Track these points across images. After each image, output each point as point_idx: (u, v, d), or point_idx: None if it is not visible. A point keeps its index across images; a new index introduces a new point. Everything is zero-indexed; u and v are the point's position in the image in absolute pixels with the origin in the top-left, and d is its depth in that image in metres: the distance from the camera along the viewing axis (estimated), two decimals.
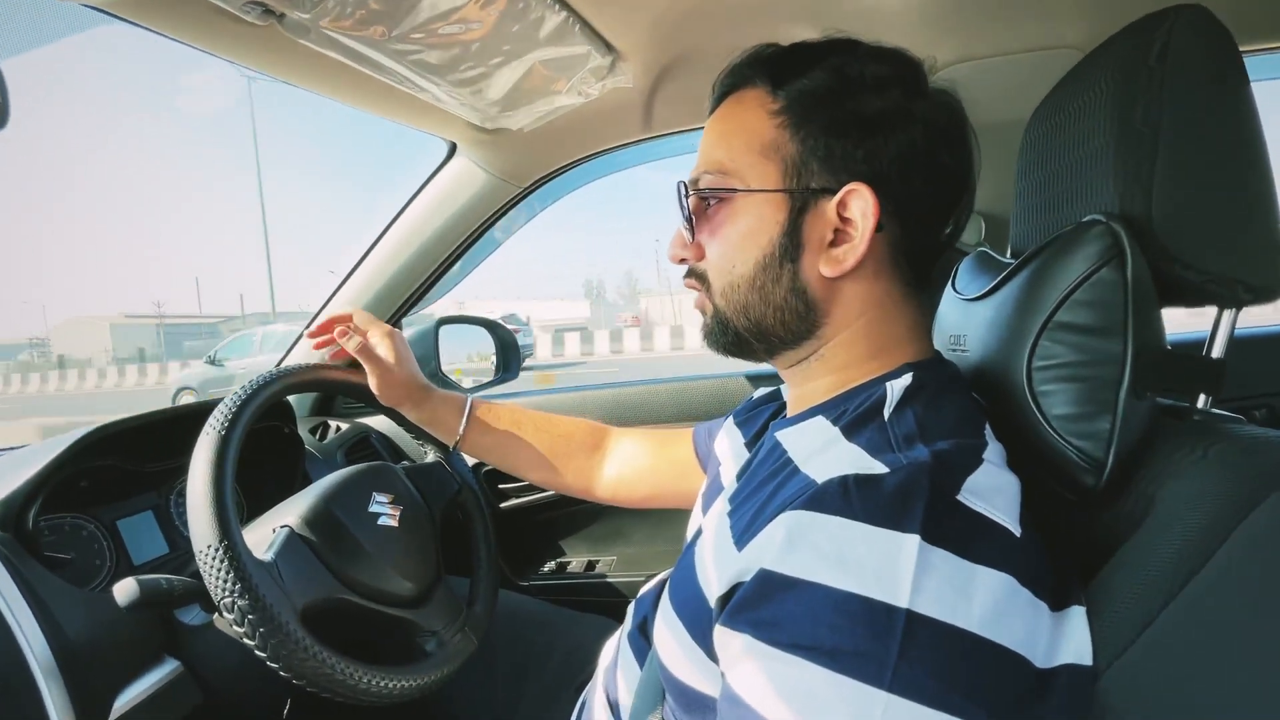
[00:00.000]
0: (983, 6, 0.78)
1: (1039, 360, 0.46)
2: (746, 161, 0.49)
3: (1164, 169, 0.43)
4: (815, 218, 0.48)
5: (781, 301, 0.49)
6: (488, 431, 0.84)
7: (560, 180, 1.14)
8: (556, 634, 0.96)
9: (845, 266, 0.47)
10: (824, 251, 0.48)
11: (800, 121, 0.48)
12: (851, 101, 0.47)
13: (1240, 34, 0.44)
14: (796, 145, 0.48)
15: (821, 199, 0.47)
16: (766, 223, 0.49)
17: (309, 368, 0.80)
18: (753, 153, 0.49)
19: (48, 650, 0.61)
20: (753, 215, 0.49)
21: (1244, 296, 0.45)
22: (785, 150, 0.48)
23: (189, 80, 29.67)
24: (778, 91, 0.49)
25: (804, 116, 0.48)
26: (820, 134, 0.47)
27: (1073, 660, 0.37)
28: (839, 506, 0.37)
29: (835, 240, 0.48)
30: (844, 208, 0.47)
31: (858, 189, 0.46)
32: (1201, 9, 0.44)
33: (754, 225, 0.49)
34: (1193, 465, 0.40)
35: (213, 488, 0.60)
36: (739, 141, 0.50)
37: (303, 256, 41.90)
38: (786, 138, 0.48)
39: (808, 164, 0.47)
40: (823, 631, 0.34)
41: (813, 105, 0.48)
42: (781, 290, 0.49)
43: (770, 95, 0.49)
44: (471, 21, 0.64)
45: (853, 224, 0.47)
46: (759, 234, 0.49)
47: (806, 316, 0.49)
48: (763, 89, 0.49)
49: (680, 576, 0.50)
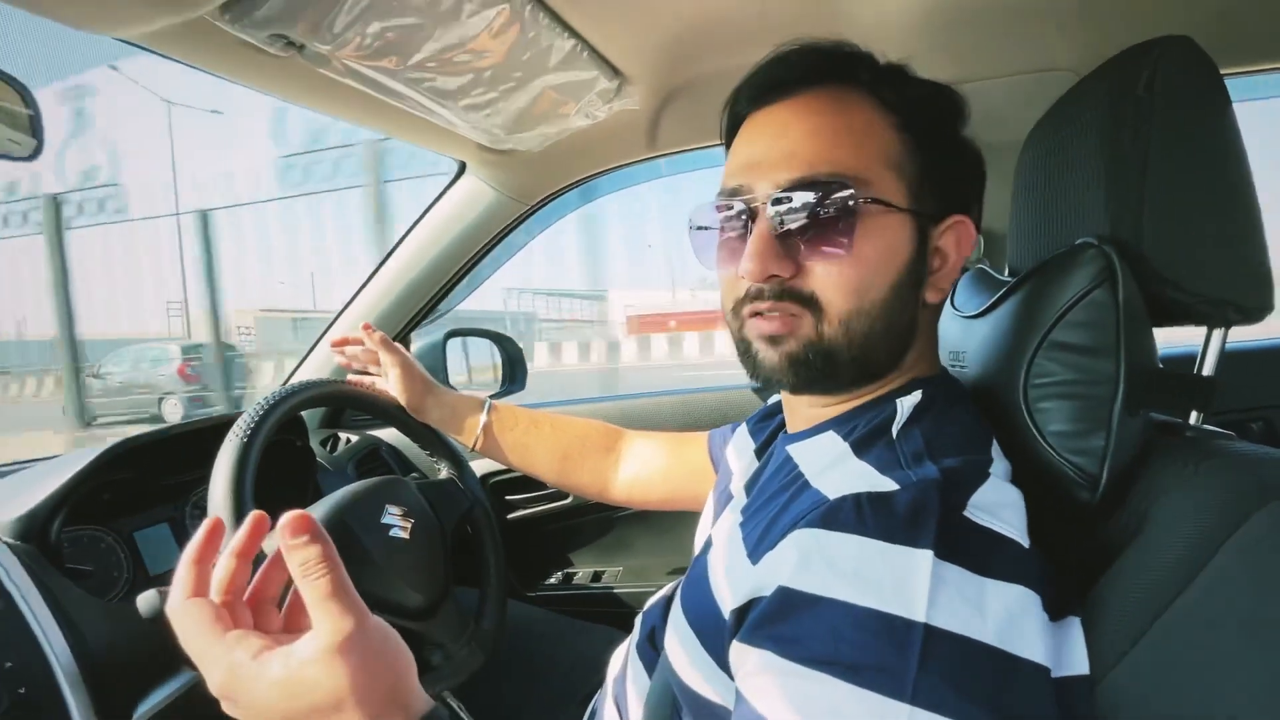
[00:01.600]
0: (979, 30, 0.80)
1: (1035, 378, 0.48)
2: (878, 170, 0.45)
3: (1153, 194, 0.45)
4: (929, 243, 0.47)
5: (903, 329, 0.47)
6: (506, 432, 0.86)
7: (567, 197, 1.16)
8: (563, 644, 0.97)
9: (944, 295, 0.47)
10: (928, 278, 0.48)
11: (920, 140, 0.46)
12: (956, 127, 0.46)
13: (1227, 57, 0.46)
14: (917, 165, 0.46)
15: (933, 224, 0.47)
16: (901, 243, 0.46)
17: (330, 381, 0.83)
18: (882, 162, 0.45)
19: (72, 660, 0.63)
20: (891, 233, 0.45)
21: (1233, 317, 0.46)
22: (908, 168, 0.46)
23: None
24: (888, 101, 0.46)
25: (925, 135, 0.46)
26: (938, 159, 0.46)
27: (1074, 671, 0.38)
28: (853, 524, 0.38)
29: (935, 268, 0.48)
30: (941, 235, 0.47)
31: (965, 221, 0.46)
32: (1187, 40, 0.46)
33: (892, 244, 0.45)
34: (1184, 481, 0.41)
35: (233, 492, 0.62)
36: (867, 147, 0.45)
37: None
38: (909, 153, 0.46)
39: (924, 186, 0.46)
40: (844, 647, 0.35)
41: (930, 126, 0.46)
42: (906, 319, 0.47)
43: (880, 103, 0.46)
44: (484, 51, 0.66)
45: (944, 253, 0.47)
46: (895, 254, 0.45)
47: (907, 344, 0.49)
48: (866, 93, 0.46)
49: (691, 587, 0.51)
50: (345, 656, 0.34)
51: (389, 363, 0.84)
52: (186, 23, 0.54)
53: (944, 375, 0.52)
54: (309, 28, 0.58)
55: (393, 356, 0.84)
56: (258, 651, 0.35)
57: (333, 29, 0.59)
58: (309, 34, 0.59)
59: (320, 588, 0.35)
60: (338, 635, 0.34)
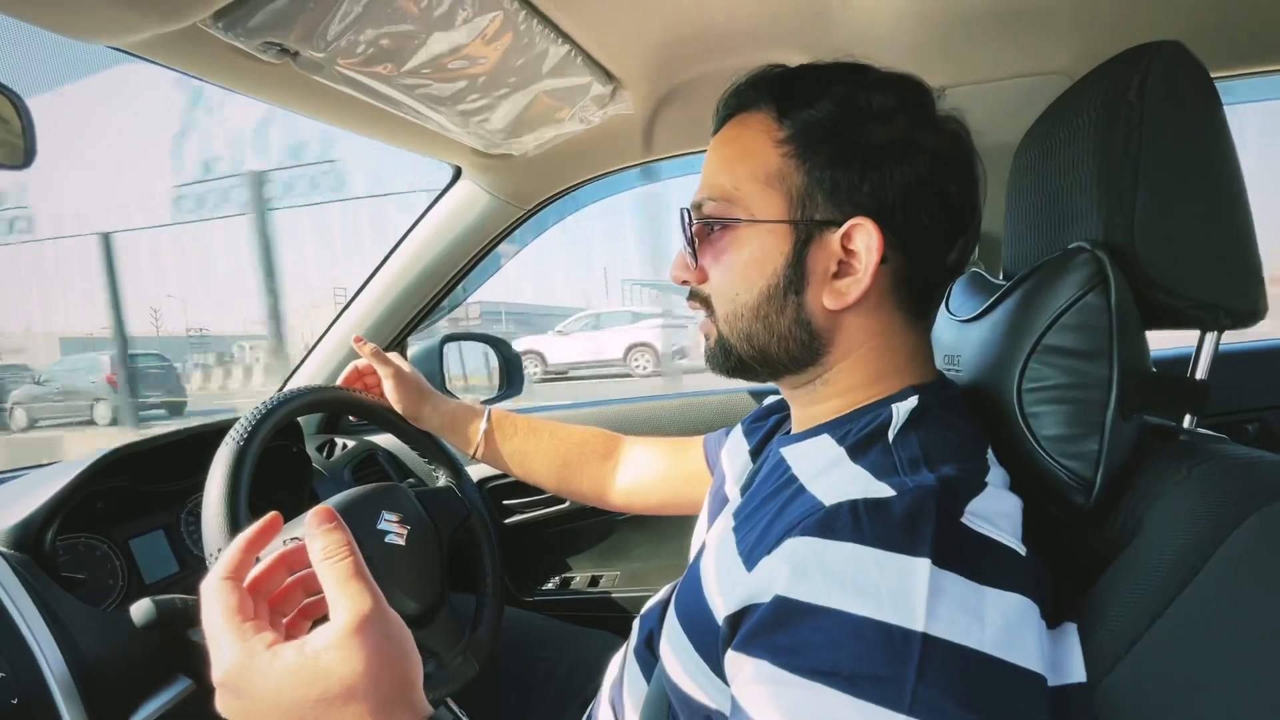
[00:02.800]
0: (972, 33, 0.80)
1: (1029, 382, 0.48)
2: (751, 190, 0.48)
3: (1145, 199, 0.45)
4: (819, 250, 0.47)
5: (785, 331, 0.49)
6: (505, 440, 0.86)
7: (563, 202, 1.16)
8: (561, 650, 0.96)
9: (849, 299, 0.47)
10: (828, 283, 0.48)
11: (806, 152, 0.47)
12: (858, 133, 0.46)
13: (1219, 61, 0.46)
14: (802, 176, 0.47)
15: (826, 231, 0.47)
16: (771, 253, 0.48)
17: (327, 388, 0.83)
18: (758, 181, 0.48)
19: (65, 669, 0.63)
20: (757, 245, 0.49)
21: (1225, 321, 0.46)
22: (790, 180, 0.47)
23: None
24: (784, 119, 0.48)
25: (810, 147, 0.47)
26: (826, 166, 0.47)
27: (1073, 678, 0.38)
28: (850, 532, 0.38)
29: (839, 272, 0.47)
30: (848, 240, 0.47)
31: (862, 224, 0.46)
32: (1178, 45, 0.46)
33: (758, 255, 0.49)
34: (1178, 485, 0.41)
35: (228, 495, 0.62)
36: (744, 168, 0.49)
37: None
38: (792, 168, 0.47)
39: (813, 195, 0.47)
40: (842, 657, 0.34)
41: (819, 136, 0.47)
42: (786, 321, 0.49)
43: (776, 123, 0.48)
44: (478, 57, 0.66)
45: (856, 256, 0.46)
46: (764, 264, 0.48)
47: (810, 345, 0.50)
48: (767, 114, 0.49)
49: (686, 592, 0.51)
50: (363, 637, 0.35)
51: (383, 373, 0.84)
52: (179, 31, 0.54)
53: (940, 381, 0.52)
54: (302, 35, 0.58)
55: (386, 367, 0.84)
56: (271, 642, 0.36)
57: (326, 36, 0.59)
58: (302, 41, 0.59)
59: (342, 569, 0.37)
60: (357, 615, 0.35)
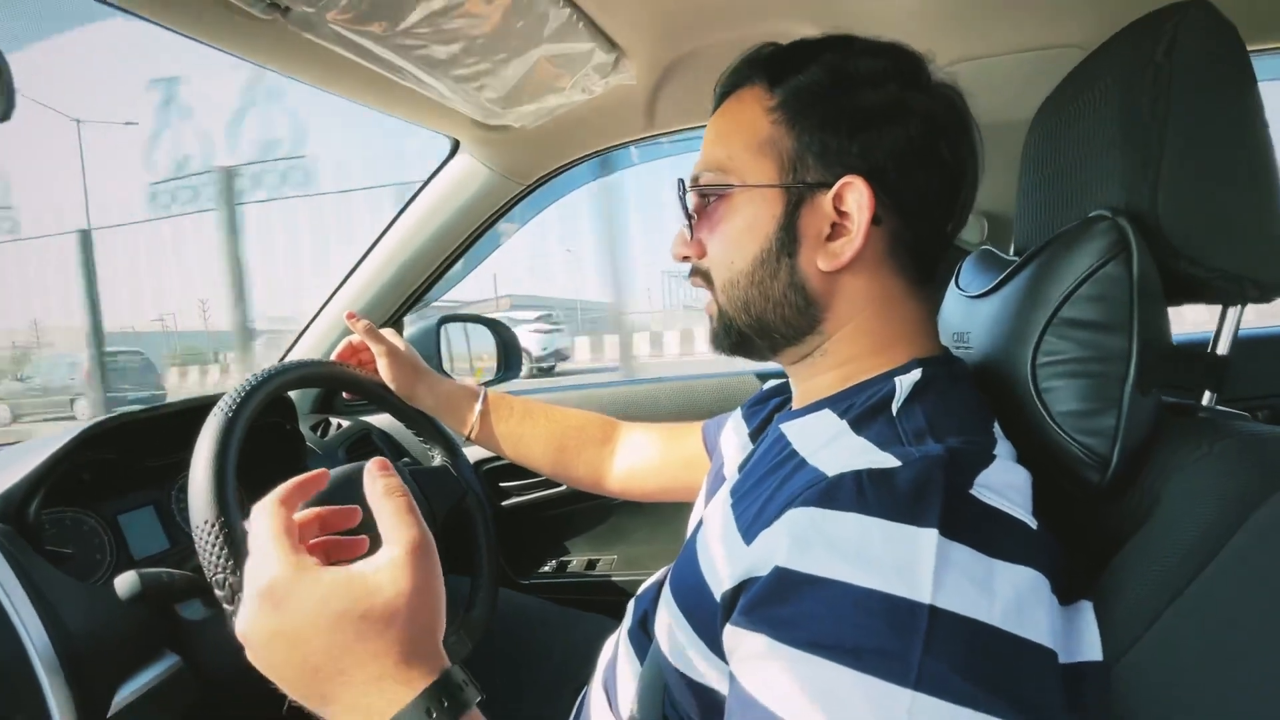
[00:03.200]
0: (985, 5, 0.78)
1: (1043, 356, 0.46)
2: (744, 158, 0.50)
3: (1170, 164, 0.43)
4: (811, 212, 0.48)
5: (781, 296, 0.50)
6: (500, 422, 0.85)
7: (564, 178, 1.14)
8: (557, 633, 0.96)
9: (842, 260, 0.47)
10: (822, 246, 0.48)
11: (796, 117, 0.48)
12: (846, 96, 0.47)
13: (1245, 33, 0.44)
14: (792, 141, 0.48)
15: (817, 193, 0.48)
16: (763, 218, 0.49)
17: (321, 362, 0.81)
18: (750, 149, 0.49)
19: (49, 644, 0.61)
20: (750, 210, 0.49)
21: (1250, 293, 0.45)
22: (782, 146, 0.48)
23: None
24: (774, 89, 0.49)
25: (799, 112, 0.48)
26: (815, 129, 0.47)
27: (1088, 656, 0.37)
28: (854, 502, 0.36)
29: (833, 234, 0.48)
30: (840, 201, 0.47)
31: (852, 182, 0.46)
32: (1208, 5, 0.44)
33: (751, 220, 0.49)
34: (1197, 462, 0.40)
35: (214, 467, 0.60)
36: (737, 139, 0.50)
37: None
38: (783, 133, 0.48)
39: (804, 159, 0.48)
40: (845, 629, 0.33)
41: (808, 101, 0.48)
42: (780, 285, 0.49)
43: (767, 93, 0.49)
44: (476, 16, 0.64)
45: (849, 217, 0.47)
46: (756, 229, 0.49)
47: (806, 311, 0.50)
48: (760, 87, 0.50)
49: (682, 569, 0.50)
50: (415, 562, 0.38)
51: (376, 350, 0.82)
52: None
53: (945, 355, 0.51)
54: None
55: (380, 345, 0.82)
56: (318, 563, 0.38)
57: None
58: None
59: (401, 504, 0.40)
60: (413, 541, 0.38)
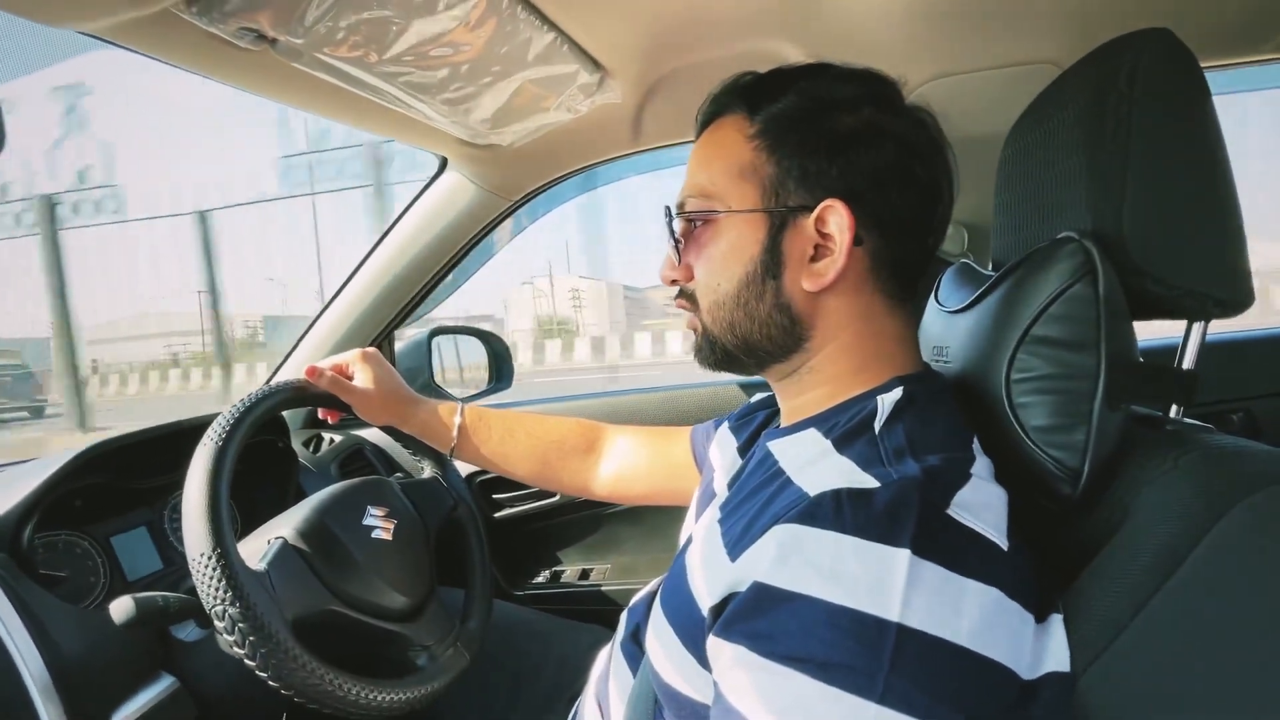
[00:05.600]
0: (961, 23, 0.79)
1: (1017, 373, 0.47)
2: (727, 184, 0.51)
3: (1134, 188, 0.45)
4: (795, 234, 0.49)
5: (766, 317, 0.51)
6: (481, 438, 0.85)
7: (552, 193, 1.15)
8: (551, 644, 0.96)
9: (826, 280, 0.49)
10: (805, 267, 0.49)
11: (775, 143, 0.50)
12: (823, 121, 0.49)
13: (1207, 50, 0.46)
14: (773, 166, 0.50)
15: (800, 216, 0.49)
16: (748, 241, 0.50)
17: (310, 382, 0.81)
18: (732, 175, 0.51)
19: (44, 669, 0.62)
20: (735, 235, 0.51)
21: (1213, 310, 0.46)
22: (763, 172, 0.50)
23: None
24: (754, 116, 0.51)
25: (779, 138, 0.50)
26: (795, 154, 0.49)
27: (1055, 668, 0.38)
28: (831, 521, 0.38)
29: (816, 255, 0.49)
30: (822, 224, 0.48)
31: (833, 205, 0.48)
32: (1167, 33, 0.46)
33: (736, 244, 0.51)
34: (1164, 475, 0.41)
35: (208, 497, 0.60)
36: (719, 166, 0.52)
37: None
38: (764, 159, 0.50)
39: (785, 183, 0.49)
40: (815, 644, 0.35)
41: (786, 127, 0.49)
42: (766, 306, 0.51)
43: (747, 120, 0.51)
44: (461, 44, 0.65)
45: (831, 239, 0.48)
46: (741, 252, 0.50)
47: (791, 330, 0.51)
48: (740, 115, 0.52)
49: (672, 584, 0.51)
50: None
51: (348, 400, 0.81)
52: (151, 16, 0.52)
53: (926, 371, 0.53)
54: (278, 20, 0.56)
55: (349, 396, 0.80)
56: None
57: (304, 22, 0.57)
58: (279, 27, 0.57)
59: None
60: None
